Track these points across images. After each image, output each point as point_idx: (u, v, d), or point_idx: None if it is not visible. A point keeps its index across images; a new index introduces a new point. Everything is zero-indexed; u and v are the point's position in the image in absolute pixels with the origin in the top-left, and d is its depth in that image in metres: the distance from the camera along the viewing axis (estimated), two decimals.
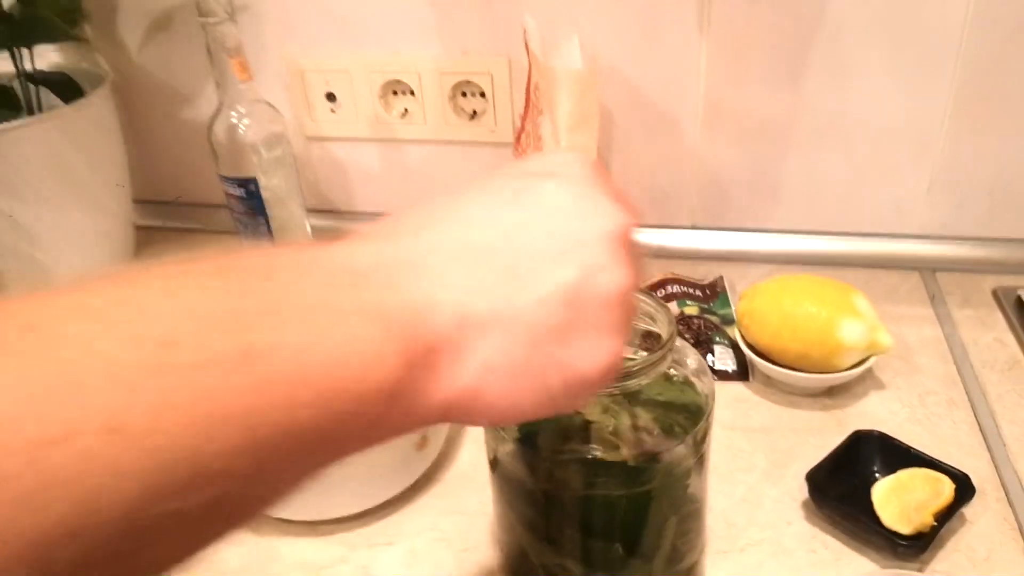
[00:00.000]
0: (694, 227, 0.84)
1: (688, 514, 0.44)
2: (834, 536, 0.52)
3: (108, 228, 0.82)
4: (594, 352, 0.26)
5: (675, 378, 0.43)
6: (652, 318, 0.42)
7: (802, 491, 0.55)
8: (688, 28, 0.75)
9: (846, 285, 0.62)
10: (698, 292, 0.75)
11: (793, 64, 0.75)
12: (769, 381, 0.65)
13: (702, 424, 0.42)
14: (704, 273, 0.78)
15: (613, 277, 0.26)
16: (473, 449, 0.61)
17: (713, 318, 0.71)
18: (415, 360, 0.23)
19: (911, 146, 0.76)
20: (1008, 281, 0.74)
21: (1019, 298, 0.71)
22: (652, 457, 0.41)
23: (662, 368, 0.40)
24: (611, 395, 0.41)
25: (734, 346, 0.68)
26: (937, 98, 0.74)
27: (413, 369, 0.23)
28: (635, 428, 0.41)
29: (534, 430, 0.42)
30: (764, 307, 0.62)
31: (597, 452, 0.41)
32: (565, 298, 0.25)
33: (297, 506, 0.54)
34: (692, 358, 0.44)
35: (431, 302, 0.24)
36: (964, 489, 0.51)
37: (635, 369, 0.39)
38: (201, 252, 0.22)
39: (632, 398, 0.42)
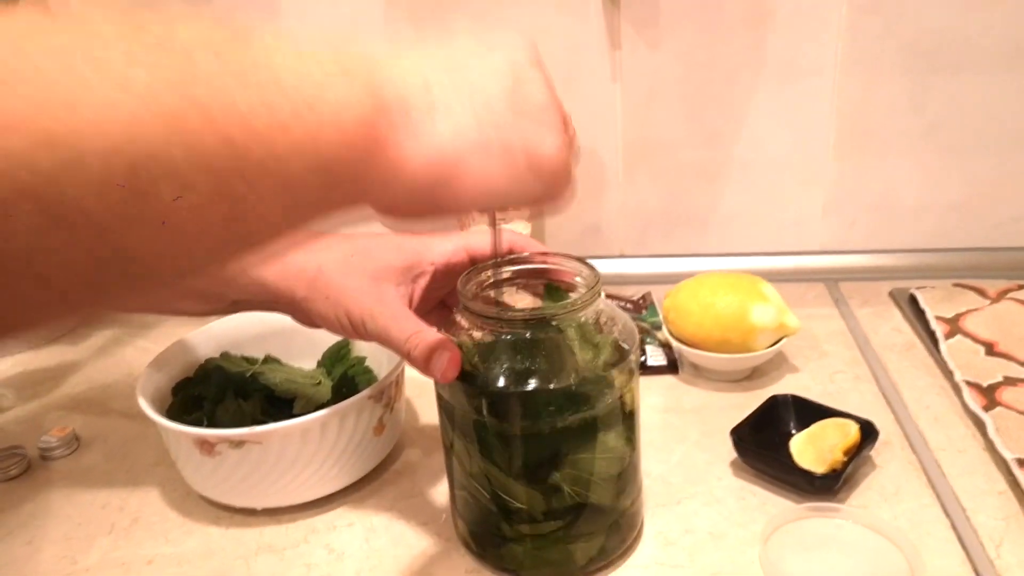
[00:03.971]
0: (622, 255, 0.91)
1: (626, 449, 0.49)
2: (759, 486, 0.57)
3: None
4: (545, 137, 0.33)
5: (606, 326, 0.49)
6: (580, 273, 0.49)
7: (730, 453, 0.60)
8: (603, 76, 0.85)
9: (755, 277, 0.70)
10: (629, 305, 0.81)
11: (695, 107, 0.85)
12: (696, 372, 0.71)
13: (632, 356, 0.48)
14: (633, 291, 0.85)
15: (540, 87, 0.33)
16: (428, 438, 0.65)
17: (644, 324, 0.77)
18: (387, 105, 0.27)
19: (803, 174, 0.87)
20: (902, 284, 0.83)
21: (911, 296, 0.80)
22: (592, 381, 0.46)
23: (597, 303, 0.47)
24: (556, 327, 0.46)
25: (663, 346, 0.74)
26: (821, 131, 0.84)
27: (387, 114, 0.27)
28: (575, 356, 0.47)
29: (482, 372, 0.47)
30: (686, 301, 0.69)
31: (541, 383, 0.46)
32: (506, 87, 0.32)
33: (259, 495, 0.57)
34: (619, 315, 0.50)
35: (403, 72, 0.29)
36: (868, 431, 0.57)
37: (578, 300, 0.45)
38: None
39: (572, 333, 0.47)
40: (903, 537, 0.51)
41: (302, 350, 0.70)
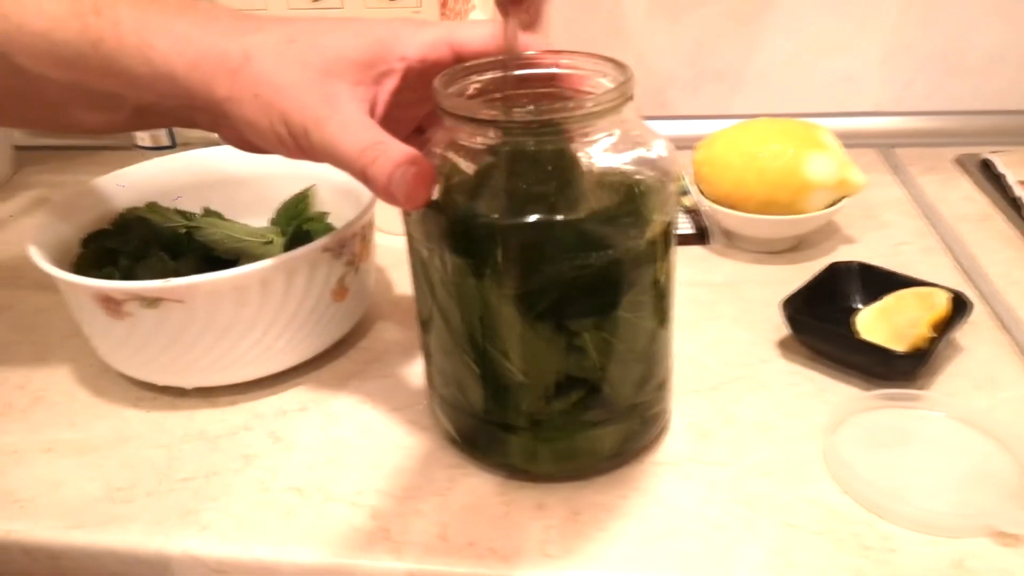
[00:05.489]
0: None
1: (657, 313, 0.37)
2: (816, 370, 0.46)
3: None
4: None
5: (636, 145, 0.36)
6: (605, 74, 0.36)
7: (776, 332, 0.49)
8: None
9: (810, 123, 0.57)
10: None
11: None
12: (729, 240, 0.59)
13: (671, 185, 0.35)
14: None
15: None
16: (404, 311, 0.53)
17: None
18: None
19: (861, 16, 0.72)
20: (968, 150, 0.70)
21: (984, 161, 0.67)
22: (615, 215, 0.34)
23: (624, 113, 0.34)
24: (569, 139, 0.33)
25: (689, 212, 0.62)
26: None
27: None
28: (590, 184, 0.34)
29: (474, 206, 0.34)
30: (724, 151, 0.56)
31: (546, 213, 0.33)
32: None
33: (186, 371, 0.45)
34: (654, 135, 0.38)
35: None
36: (960, 303, 0.45)
37: (600, 101, 0.33)
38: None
39: (590, 150, 0.34)
40: (1009, 432, 0.40)
41: (251, 206, 0.57)
